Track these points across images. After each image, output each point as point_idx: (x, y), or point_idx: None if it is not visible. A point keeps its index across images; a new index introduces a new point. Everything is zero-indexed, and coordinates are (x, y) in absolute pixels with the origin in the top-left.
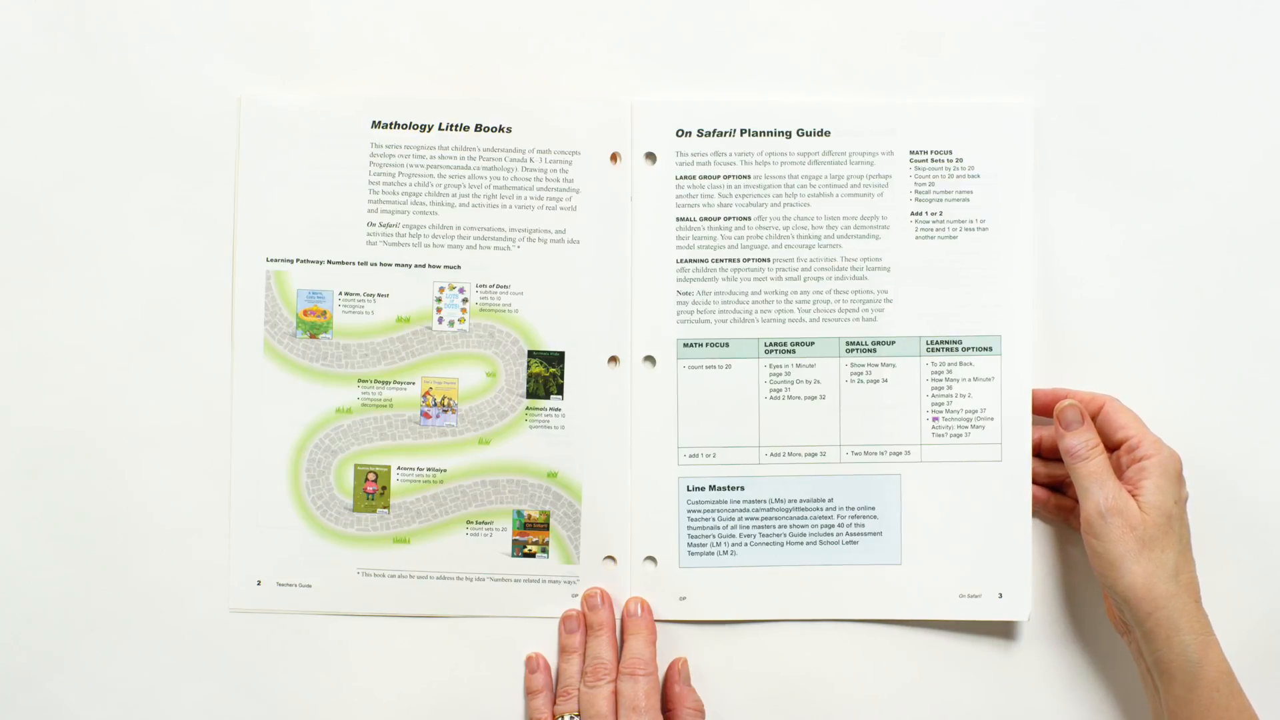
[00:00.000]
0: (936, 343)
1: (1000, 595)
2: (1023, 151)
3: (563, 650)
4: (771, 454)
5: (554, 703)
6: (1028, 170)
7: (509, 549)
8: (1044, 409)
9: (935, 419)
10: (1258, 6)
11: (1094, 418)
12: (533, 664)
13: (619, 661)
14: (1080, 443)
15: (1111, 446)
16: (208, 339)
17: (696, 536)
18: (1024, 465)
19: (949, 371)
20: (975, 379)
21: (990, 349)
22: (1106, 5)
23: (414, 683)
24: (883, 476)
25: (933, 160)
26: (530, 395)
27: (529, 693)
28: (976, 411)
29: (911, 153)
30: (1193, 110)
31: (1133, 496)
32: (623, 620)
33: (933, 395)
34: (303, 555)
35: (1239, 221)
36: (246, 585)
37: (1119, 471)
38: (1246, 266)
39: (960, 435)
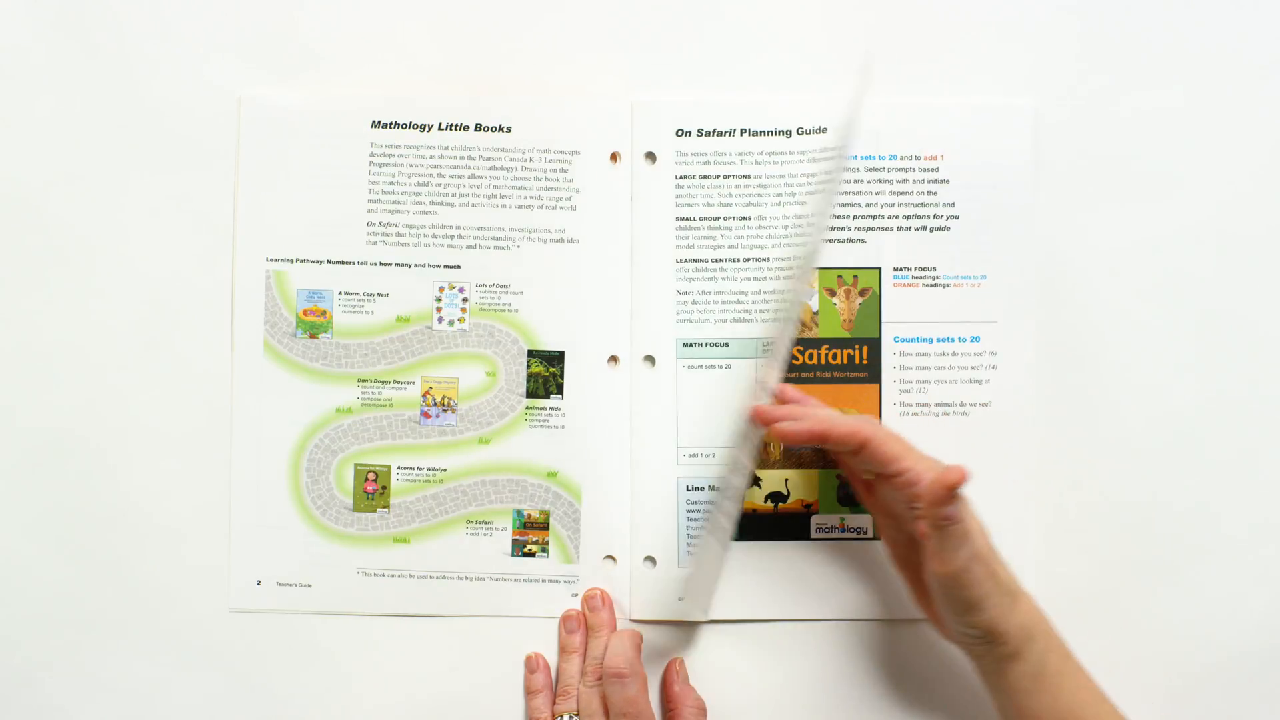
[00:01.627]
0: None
1: None
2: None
3: (563, 650)
4: None
5: (554, 702)
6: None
7: (509, 549)
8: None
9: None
10: (1258, 6)
11: (858, 451)
12: (533, 664)
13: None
14: (962, 509)
15: (884, 477)
16: (208, 339)
17: (696, 536)
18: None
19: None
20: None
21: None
22: (1106, 6)
23: (414, 683)
24: None
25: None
26: (530, 395)
27: (529, 692)
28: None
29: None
30: (1193, 110)
31: None
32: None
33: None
34: (302, 555)
35: (1239, 221)
36: (246, 585)
37: (905, 505)
38: (1246, 266)
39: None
